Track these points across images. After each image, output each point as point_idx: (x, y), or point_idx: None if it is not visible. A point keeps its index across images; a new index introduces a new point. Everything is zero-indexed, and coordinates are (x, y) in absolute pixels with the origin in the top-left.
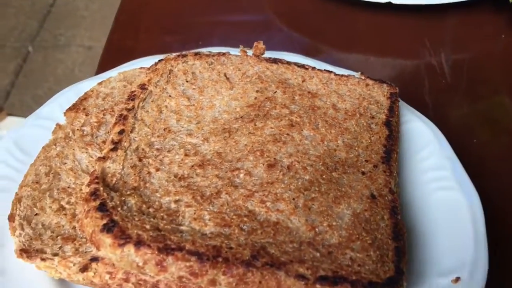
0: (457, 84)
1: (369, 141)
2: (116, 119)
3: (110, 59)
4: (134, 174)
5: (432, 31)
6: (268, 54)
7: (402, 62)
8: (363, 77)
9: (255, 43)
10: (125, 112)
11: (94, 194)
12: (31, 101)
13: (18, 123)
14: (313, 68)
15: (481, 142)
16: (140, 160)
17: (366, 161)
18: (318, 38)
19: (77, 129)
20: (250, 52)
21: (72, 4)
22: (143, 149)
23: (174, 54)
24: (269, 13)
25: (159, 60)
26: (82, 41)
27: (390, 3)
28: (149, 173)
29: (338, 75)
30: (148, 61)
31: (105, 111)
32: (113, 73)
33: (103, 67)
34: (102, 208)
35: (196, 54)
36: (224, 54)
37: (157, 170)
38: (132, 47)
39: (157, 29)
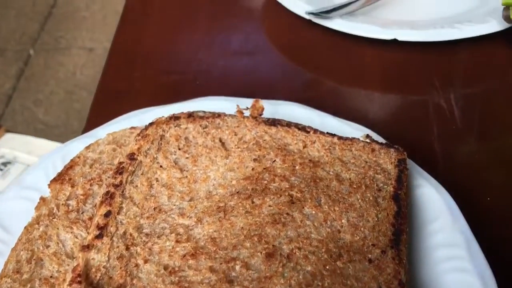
0: (468, 130)
1: (376, 219)
2: (102, 197)
3: (103, 103)
4: (121, 268)
5: (441, 68)
6: (266, 105)
7: (409, 102)
8: (368, 140)
9: (253, 102)
10: (112, 189)
11: None
12: (32, 106)
13: (17, 140)
14: (315, 131)
15: (495, 200)
16: (127, 248)
17: (373, 245)
18: (321, 72)
19: (62, 204)
20: (249, 108)
21: (72, 4)
22: (131, 234)
23: (165, 116)
24: (270, 46)
25: (150, 124)
26: (83, 43)
27: (395, 40)
28: (136, 265)
29: (342, 139)
30: (139, 116)
31: (92, 181)
32: (101, 131)
33: (95, 113)
34: None
35: (189, 116)
36: (219, 115)
37: (146, 261)
38: (126, 90)
39: (152, 69)
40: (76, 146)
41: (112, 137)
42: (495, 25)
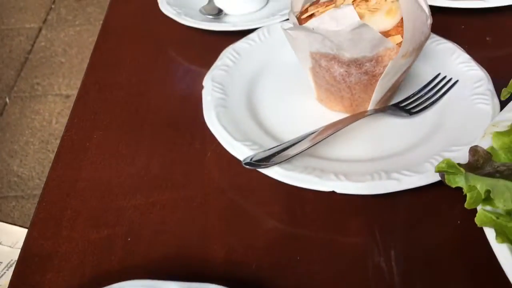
0: None
1: None
2: None
3: (24, 274)
4: None
5: (382, 216)
6: None
7: (349, 260)
8: None
9: None
10: None
11: None
12: (7, 157)
13: None
14: None
15: None
16: None
17: None
18: (258, 218)
19: None
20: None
21: (50, 49)
22: None
23: None
24: (209, 189)
25: None
26: (59, 90)
27: (334, 192)
28: None
29: None
30: None
31: None
32: None
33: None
34: None
35: None
36: None
37: None
38: (51, 252)
39: (82, 222)
40: None
41: None
42: (434, 175)
